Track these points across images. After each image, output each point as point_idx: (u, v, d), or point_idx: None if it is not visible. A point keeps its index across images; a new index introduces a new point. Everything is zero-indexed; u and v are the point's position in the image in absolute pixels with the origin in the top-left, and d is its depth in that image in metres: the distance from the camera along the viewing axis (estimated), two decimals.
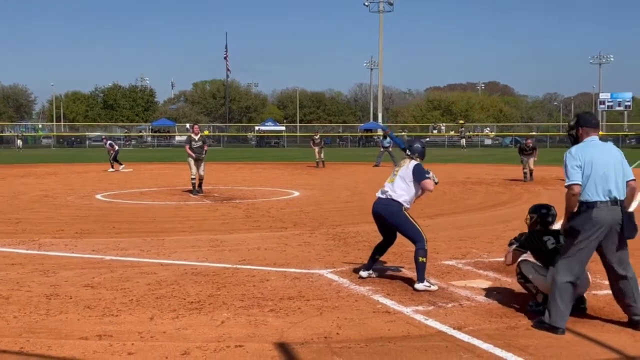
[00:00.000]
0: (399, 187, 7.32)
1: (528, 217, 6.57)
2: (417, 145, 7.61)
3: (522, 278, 6.40)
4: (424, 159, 7.60)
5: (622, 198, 5.64)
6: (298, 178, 24.50)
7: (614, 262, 5.69)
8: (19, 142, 65.83)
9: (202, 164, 17.70)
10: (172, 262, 8.57)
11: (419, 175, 7.29)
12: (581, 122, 5.87)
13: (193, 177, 17.61)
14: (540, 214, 6.46)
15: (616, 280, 5.74)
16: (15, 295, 6.82)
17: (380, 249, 7.72)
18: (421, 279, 7.07)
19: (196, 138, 17.83)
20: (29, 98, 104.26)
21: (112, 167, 29.23)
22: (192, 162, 17.53)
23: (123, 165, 29.33)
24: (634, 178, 5.75)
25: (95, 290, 7.05)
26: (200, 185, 17.74)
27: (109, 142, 30.82)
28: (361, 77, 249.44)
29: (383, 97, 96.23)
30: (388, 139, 33.91)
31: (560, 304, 5.60)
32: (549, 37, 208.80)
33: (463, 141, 71.84)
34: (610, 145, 5.97)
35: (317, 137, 32.59)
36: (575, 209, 5.68)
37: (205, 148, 17.89)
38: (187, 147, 17.77)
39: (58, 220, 12.75)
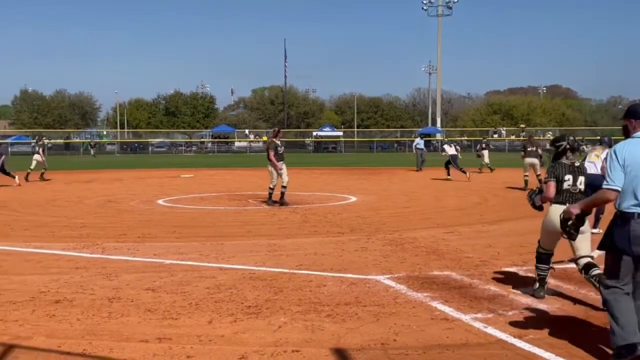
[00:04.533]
0: None
1: (552, 148, 7.07)
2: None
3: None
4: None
5: None
6: (355, 183, 24.47)
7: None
8: (92, 151, 68.82)
9: (285, 168, 16.30)
10: (231, 266, 8.67)
11: None
12: (629, 114, 5.03)
13: (272, 187, 16.32)
14: (556, 147, 6.98)
15: None
16: (79, 298, 7.00)
17: None
18: None
19: (280, 143, 16.34)
20: (94, 106, 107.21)
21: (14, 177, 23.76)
22: (273, 170, 16.12)
23: (16, 177, 23.76)
24: None
25: (156, 294, 7.18)
26: (283, 194, 16.25)
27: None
28: (419, 81, 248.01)
29: (442, 102, 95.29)
30: (422, 141, 33.47)
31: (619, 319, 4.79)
32: (613, 39, 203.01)
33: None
34: None
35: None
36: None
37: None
38: (272, 153, 16.09)
39: (121, 224, 13.05)
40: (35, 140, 30.38)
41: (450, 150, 26.71)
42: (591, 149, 12.35)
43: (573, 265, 8.55)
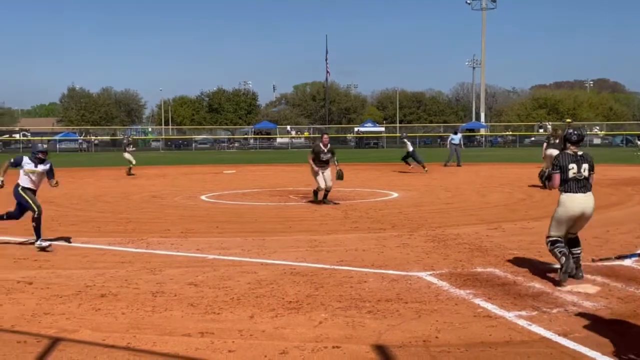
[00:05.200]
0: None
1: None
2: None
3: None
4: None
5: None
6: (397, 179, 24.34)
7: None
8: (131, 147, 66.32)
9: (329, 173, 15.60)
10: (272, 261, 8.71)
11: None
12: None
13: (320, 189, 15.64)
14: (566, 134, 7.46)
15: None
16: (124, 292, 7.12)
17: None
18: None
19: (325, 149, 15.49)
20: (140, 103, 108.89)
21: None
22: (316, 174, 15.46)
23: None
24: None
25: (199, 289, 7.26)
26: (326, 196, 15.66)
27: None
28: (463, 76, 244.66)
29: (486, 96, 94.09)
30: (458, 136, 33.08)
31: None
32: None
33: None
34: None
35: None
36: None
37: (335, 161, 15.74)
38: (311, 157, 15.54)
39: (165, 220, 13.23)
40: (125, 139, 33.34)
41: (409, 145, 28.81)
42: None
43: (620, 262, 8.39)
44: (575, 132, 7.48)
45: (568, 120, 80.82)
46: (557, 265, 8.08)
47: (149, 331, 5.71)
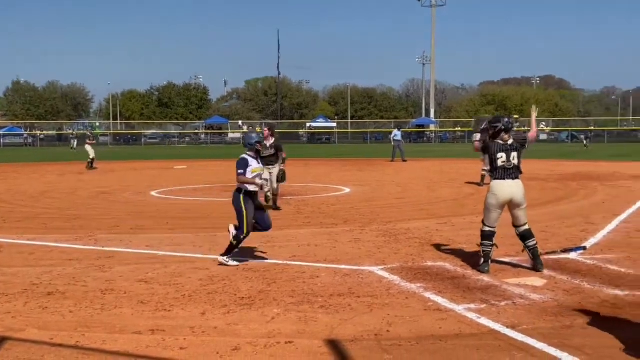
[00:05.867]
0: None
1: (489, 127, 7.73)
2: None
3: None
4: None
5: None
6: (349, 174, 24.46)
7: None
8: (74, 142, 61.12)
9: (275, 172, 13.78)
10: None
11: None
12: None
13: (267, 191, 13.59)
14: (492, 127, 7.66)
15: None
16: (72, 290, 6.98)
17: None
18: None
19: (267, 144, 13.33)
20: (87, 97, 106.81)
21: None
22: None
23: None
24: None
25: (149, 286, 7.17)
26: (275, 201, 13.83)
27: None
28: (413, 72, 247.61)
29: (435, 92, 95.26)
30: (400, 132, 33.74)
31: None
32: (606, 29, 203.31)
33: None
34: None
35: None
36: None
37: (284, 155, 14.04)
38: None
39: (114, 216, 13.02)
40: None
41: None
42: None
43: (566, 255, 8.61)
44: (509, 120, 7.76)
45: (515, 116, 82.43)
46: (505, 259, 8.27)
47: (99, 329, 5.62)
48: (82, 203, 15.49)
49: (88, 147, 28.78)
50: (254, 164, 8.36)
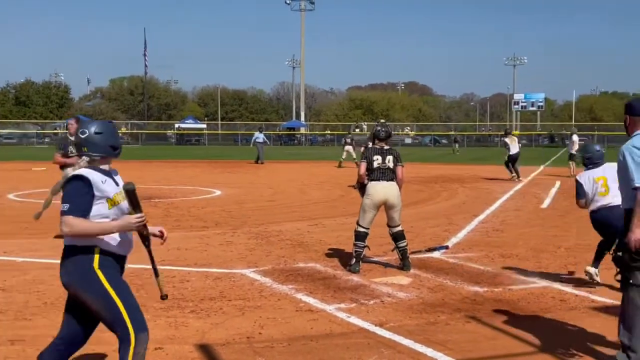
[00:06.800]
0: None
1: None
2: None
3: None
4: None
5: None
6: (219, 177, 24.26)
7: None
8: None
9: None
10: None
11: None
12: (629, 110, 4.71)
13: None
14: (375, 131, 8.22)
15: None
16: None
17: None
18: None
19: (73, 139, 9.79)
20: None
21: None
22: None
23: None
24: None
25: (7, 294, 6.77)
26: None
27: None
28: (283, 75, 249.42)
29: (305, 96, 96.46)
30: (262, 134, 34.02)
31: None
32: (465, 38, 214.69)
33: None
34: None
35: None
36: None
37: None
38: (58, 155, 10.89)
39: None
40: None
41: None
42: None
43: (430, 254, 8.99)
44: (383, 130, 8.23)
45: (382, 120, 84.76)
46: (375, 259, 8.51)
47: None
48: None
49: None
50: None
